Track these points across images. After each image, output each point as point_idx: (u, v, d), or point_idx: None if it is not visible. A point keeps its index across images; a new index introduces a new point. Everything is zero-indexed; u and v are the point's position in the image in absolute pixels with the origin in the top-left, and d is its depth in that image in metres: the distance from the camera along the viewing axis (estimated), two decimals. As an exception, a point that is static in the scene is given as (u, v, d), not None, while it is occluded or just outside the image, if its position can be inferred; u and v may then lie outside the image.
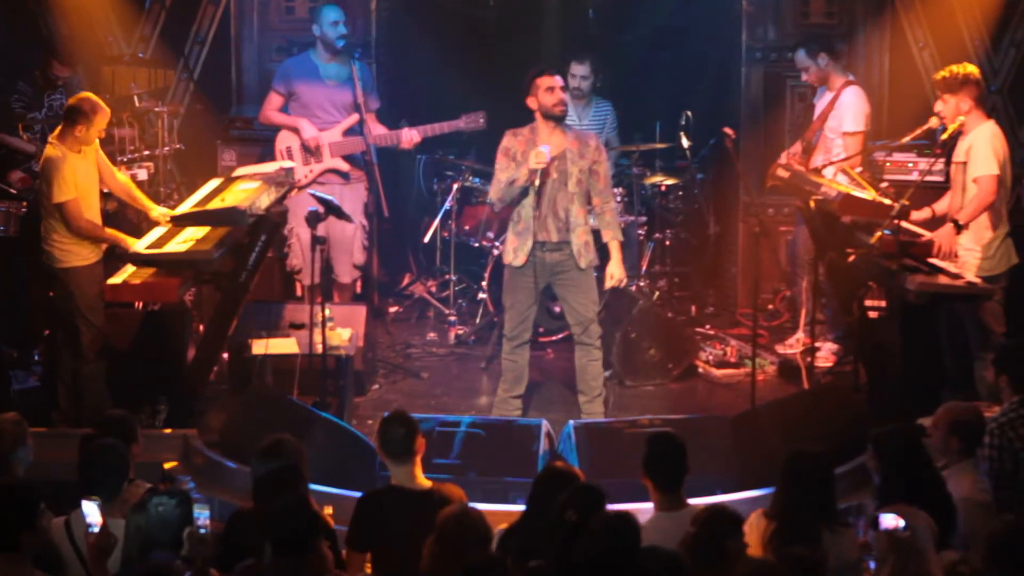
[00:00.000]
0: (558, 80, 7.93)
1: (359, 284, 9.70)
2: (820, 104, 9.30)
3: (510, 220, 8.11)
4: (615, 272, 8.08)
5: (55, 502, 5.47)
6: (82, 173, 7.82)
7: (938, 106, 7.90)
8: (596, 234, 8.20)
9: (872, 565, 5.10)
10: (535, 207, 7.92)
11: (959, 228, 7.73)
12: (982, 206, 7.75)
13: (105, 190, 9.01)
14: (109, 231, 7.90)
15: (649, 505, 5.62)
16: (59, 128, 7.91)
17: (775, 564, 4.72)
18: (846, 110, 9.11)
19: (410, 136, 9.24)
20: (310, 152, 9.24)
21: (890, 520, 4.91)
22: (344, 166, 9.28)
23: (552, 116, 7.91)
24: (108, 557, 5.12)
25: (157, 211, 8.12)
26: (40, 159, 8.07)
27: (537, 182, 7.83)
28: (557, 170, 7.94)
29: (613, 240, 8.11)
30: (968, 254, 7.80)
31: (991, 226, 7.83)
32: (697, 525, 4.98)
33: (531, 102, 7.97)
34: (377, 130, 9.27)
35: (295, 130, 9.24)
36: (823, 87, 9.30)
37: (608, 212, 8.13)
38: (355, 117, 9.17)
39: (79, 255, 7.82)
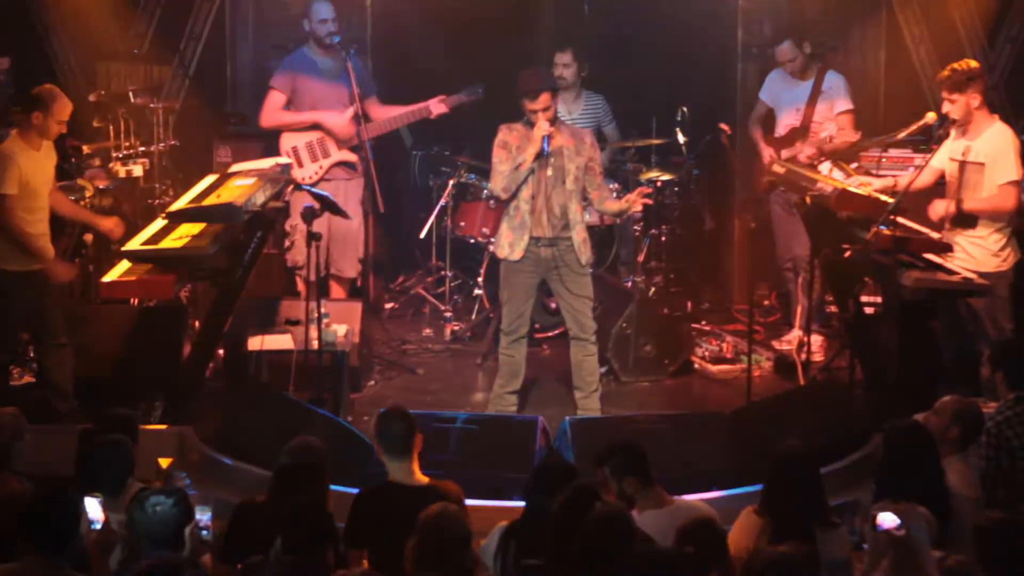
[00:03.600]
0: (540, 103, 7.84)
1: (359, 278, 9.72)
2: (789, 94, 9.32)
3: (505, 215, 8.11)
4: (628, 199, 8.04)
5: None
6: (33, 171, 7.68)
7: (945, 107, 7.83)
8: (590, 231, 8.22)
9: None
10: (530, 201, 7.93)
11: (958, 208, 7.74)
12: (997, 210, 7.74)
13: (101, 186, 9.01)
14: (40, 244, 7.72)
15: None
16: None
17: (788, 556, 4.70)
18: (836, 91, 9.19)
19: (438, 107, 9.32)
20: (317, 149, 9.25)
21: (888, 519, 4.92)
22: (352, 157, 9.31)
23: None
24: (109, 554, 5.12)
25: (106, 222, 8.05)
26: None
27: (547, 147, 7.82)
28: (553, 167, 7.94)
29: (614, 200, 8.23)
30: (978, 250, 7.80)
31: (1000, 223, 7.84)
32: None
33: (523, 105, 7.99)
34: (392, 112, 9.30)
35: (319, 123, 9.22)
36: (783, 76, 9.36)
37: (607, 198, 8.22)
38: (356, 107, 9.19)
39: (12, 259, 7.70)
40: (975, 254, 7.78)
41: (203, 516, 5.17)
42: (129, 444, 5.69)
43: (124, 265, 7.49)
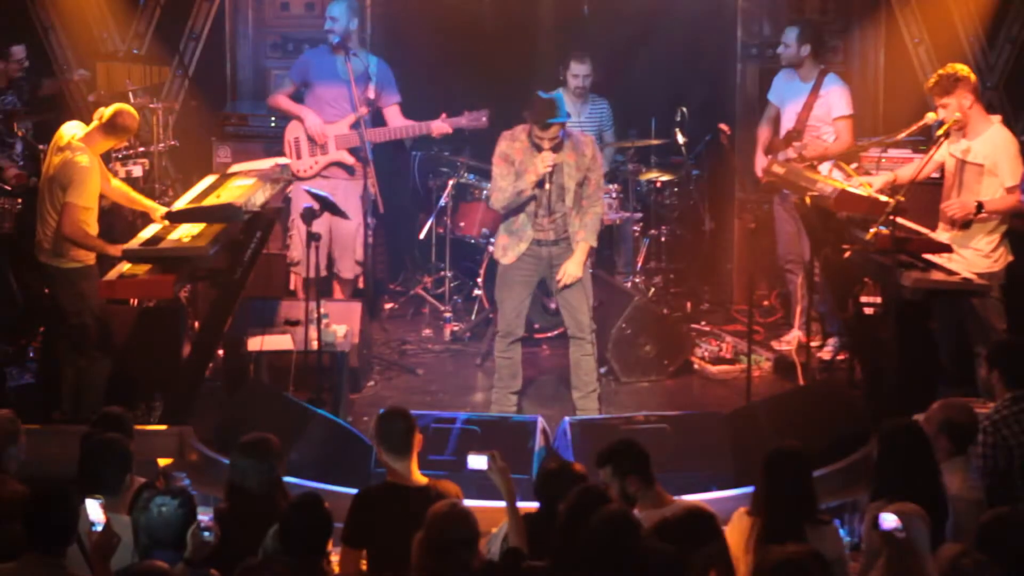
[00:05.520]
0: (549, 133, 7.77)
1: (360, 280, 9.71)
2: (792, 96, 9.28)
3: (503, 217, 8.10)
4: (571, 270, 7.99)
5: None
6: (98, 182, 7.90)
7: (941, 113, 7.85)
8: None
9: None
10: (534, 212, 7.92)
11: (979, 209, 7.74)
12: (1010, 210, 7.77)
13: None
14: (97, 240, 7.87)
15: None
16: (88, 129, 7.89)
17: (797, 555, 4.71)
18: (835, 96, 9.13)
19: (440, 127, 9.30)
20: (316, 144, 9.27)
21: (889, 520, 4.92)
22: (349, 159, 9.31)
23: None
24: (111, 556, 5.11)
25: (160, 211, 8.09)
26: (47, 160, 8.01)
27: (547, 185, 7.83)
28: (553, 183, 7.91)
29: (583, 241, 8.04)
30: (968, 251, 7.80)
31: (992, 224, 7.83)
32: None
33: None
34: (403, 122, 9.34)
35: (300, 119, 9.28)
36: (789, 78, 9.29)
37: (590, 214, 8.06)
38: (362, 111, 9.19)
39: (86, 254, 7.83)
40: (966, 255, 7.78)
41: (205, 517, 5.17)
42: (125, 442, 5.69)
43: (124, 265, 7.51)
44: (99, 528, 5.11)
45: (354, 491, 5.90)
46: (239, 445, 5.70)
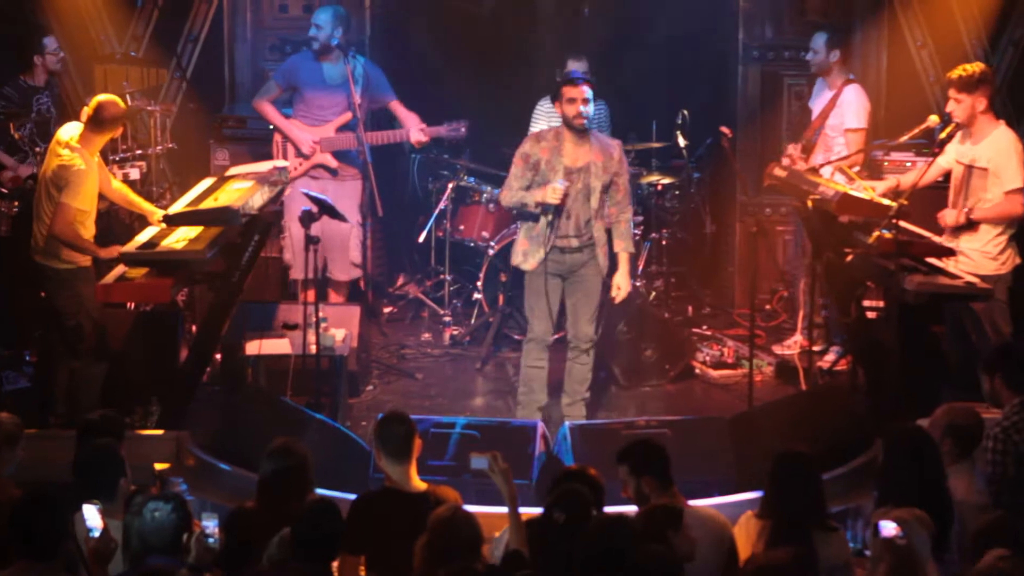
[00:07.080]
0: (581, 91, 7.79)
1: (360, 283, 9.66)
2: (819, 103, 9.24)
3: (523, 222, 8.05)
4: (622, 284, 8.05)
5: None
6: (95, 182, 7.86)
7: (950, 106, 7.82)
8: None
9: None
10: (553, 221, 7.85)
11: (968, 220, 7.72)
12: (1004, 216, 7.72)
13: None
14: (88, 243, 7.82)
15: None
16: (82, 129, 7.84)
17: (782, 561, 4.68)
18: (848, 107, 9.06)
19: (418, 135, 9.25)
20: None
21: (890, 529, 4.89)
22: (332, 162, 9.28)
23: (572, 127, 7.85)
24: (108, 561, 5.06)
25: (158, 215, 8.04)
26: (45, 160, 7.97)
27: (551, 216, 7.77)
28: (581, 182, 7.87)
29: (624, 251, 8.09)
30: (976, 253, 7.76)
31: (1000, 227, 7.79)
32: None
33: (557, 107, 7.93)
34: (410, 120, 9.32)
35: (288, 137, 9.25)
36: (822, 85, 9.24)
37: (623, 223, 8.09)
38: (348, 115, 9.15)
39: (81, 256, 7.80)
40: (973, 256, 7.76)
41: (210, 523, 5.12)
42: (116, 446, 5.64)
43: (121, 269, 7.49)
44: (96, 534, 5.07)
45: (352, 497, 5.86)
46: (268, 452, 5.66)
